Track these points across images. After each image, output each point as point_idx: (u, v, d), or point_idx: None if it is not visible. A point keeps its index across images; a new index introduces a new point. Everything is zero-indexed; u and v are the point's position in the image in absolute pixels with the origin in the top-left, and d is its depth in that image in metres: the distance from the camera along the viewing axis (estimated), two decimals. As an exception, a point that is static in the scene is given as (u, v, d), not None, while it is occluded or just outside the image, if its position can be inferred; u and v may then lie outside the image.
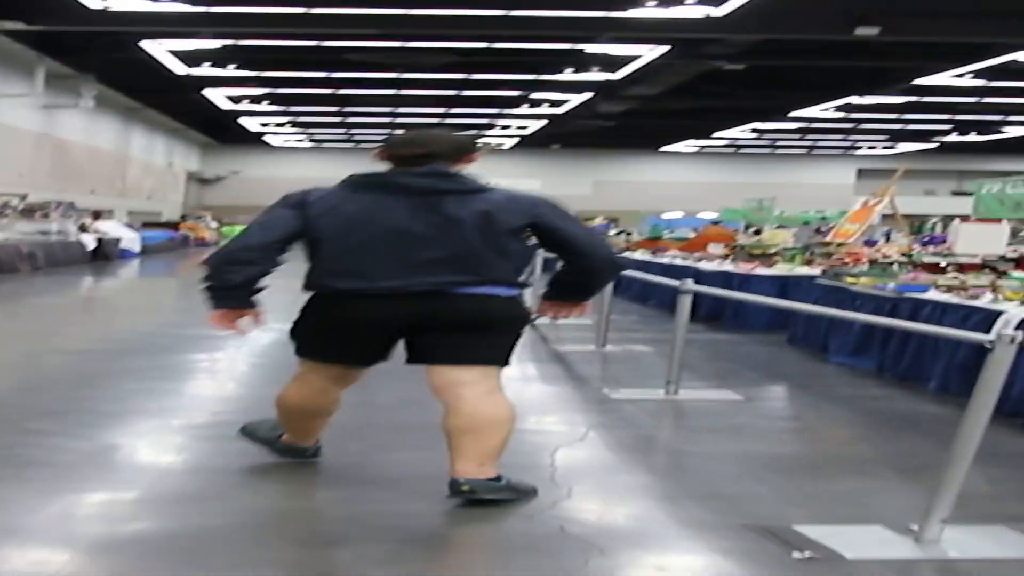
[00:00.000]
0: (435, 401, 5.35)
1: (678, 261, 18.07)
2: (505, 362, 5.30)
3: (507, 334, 5.25)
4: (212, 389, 8.96)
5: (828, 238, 17.51)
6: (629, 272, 11.31)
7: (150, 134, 48.85)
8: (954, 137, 48.37)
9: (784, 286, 14.52)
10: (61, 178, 36.76)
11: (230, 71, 33.07)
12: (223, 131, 52.95)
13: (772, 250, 17.15)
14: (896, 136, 50.22)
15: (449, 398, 5.17)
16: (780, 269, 15.31)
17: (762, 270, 15.24)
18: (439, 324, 5.08)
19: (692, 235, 23.29)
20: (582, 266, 5.32)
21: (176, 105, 42.80)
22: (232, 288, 5.18)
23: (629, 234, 30.05)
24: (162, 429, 7.05)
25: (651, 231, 25.04)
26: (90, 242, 28.09)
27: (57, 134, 36.44)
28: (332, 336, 5.25)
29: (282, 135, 54.13)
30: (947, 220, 21.22)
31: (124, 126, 44.49)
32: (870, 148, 55.99)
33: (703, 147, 58.24)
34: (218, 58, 31.22)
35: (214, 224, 48.65)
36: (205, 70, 32.76)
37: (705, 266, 16.38)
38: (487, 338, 5.15)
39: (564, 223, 5.20)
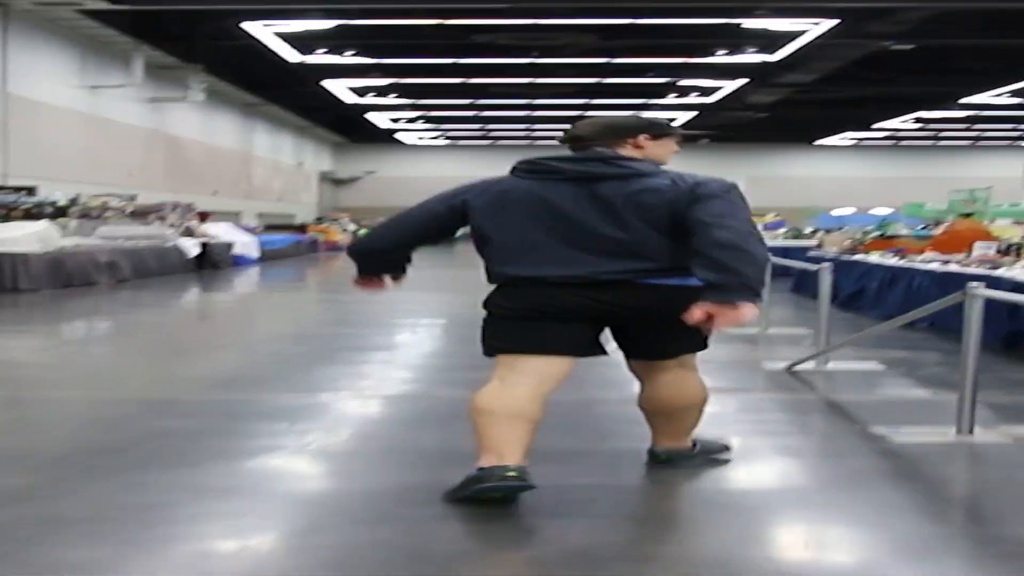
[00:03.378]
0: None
1: (954, 267, 12.14)
2: (703, 346, 5.11)
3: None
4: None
5: None
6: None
7: (275, 132, 45.97)
8: None
9: None
10: (178, 178, 33.73)
11: (348, 58, 29.85)
12: (354, 129, 50.72)
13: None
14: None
15: (645, 381, 5.18)
16: None
17: None
18: (637, 316, 4.86)
19: (926, 232, 18.58)
20: (693, 248, 4.56)
21: (299, 100, 40.10)
22: (368, 269, 5.22)
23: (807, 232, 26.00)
24: None
25: (879, 228, 20.31)
26: (193, 248, 24.43)
27: (169, 131, 33.37)
28: (527, 325, 4.79)
29: (415, 132, 51.51)
30: None
31: (245, 123, 41.57)
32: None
33: (860, 140, 55.22)
34: (332, 42, 28.02)
35: (351, 226, 45.44)
36: (321, 57, 29.60)
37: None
38: (685, 329, 4.67)
39: (701, 206, 4.59)
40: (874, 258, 14.81)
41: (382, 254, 5.16)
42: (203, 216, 27.81)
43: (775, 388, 7.95)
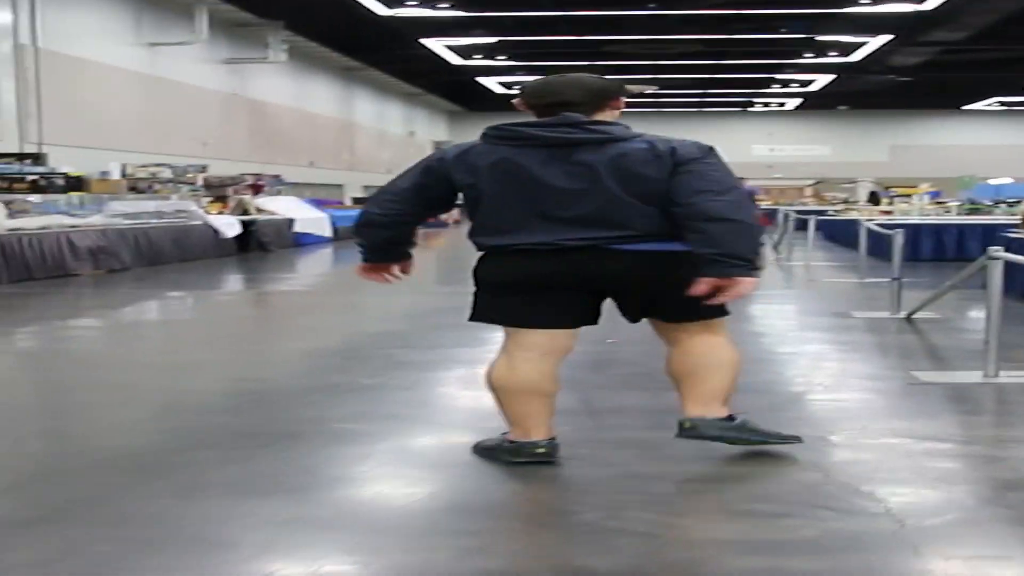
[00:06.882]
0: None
1: None
2: (725, 312, 4.66)
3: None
4: None
5: None
6: None
7: (380, 99, 42.58)
8: None
9: None
10: (264, 148, 30.38)
11: (443, 11, 26.10)
12: (469, 96, 47.05)
13: None
14: None
15: (668, 341, 4.76)
16: None
17: None
18: (627, 283, 4.51)
19: None
20: (683, 219, 4.29)
21: (403, 63, 36.66)
22: (371, 249, 4.84)
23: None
24: None
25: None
26: (230, 227, 20.20)
27: (252, 95, 29.91)
28: (519, 296, 4.51)
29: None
30: None
31: (344, 89, 38.25)
32: None
33: (1012, 104, 50.52)
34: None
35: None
36: (413, 10, 25.90)
37: None
38: (688, 296, 4.32)
39: (684, 175, 4.31)
40: None
41: (382, 230, 4.72)
42: (256, 188, 23.97)
43: None
